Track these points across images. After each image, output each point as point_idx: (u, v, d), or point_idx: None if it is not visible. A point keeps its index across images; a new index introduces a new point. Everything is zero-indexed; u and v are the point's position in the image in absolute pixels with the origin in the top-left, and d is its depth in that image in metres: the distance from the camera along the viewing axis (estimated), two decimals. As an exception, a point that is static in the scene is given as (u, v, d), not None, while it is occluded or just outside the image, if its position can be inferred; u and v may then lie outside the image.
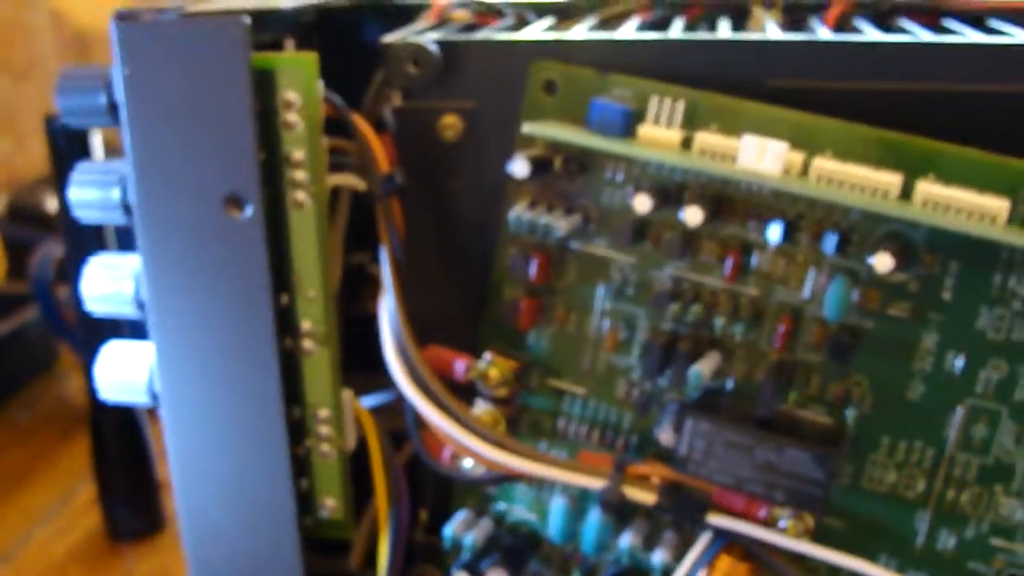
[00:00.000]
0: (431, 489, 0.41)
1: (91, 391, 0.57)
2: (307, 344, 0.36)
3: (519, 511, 0.39)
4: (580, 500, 0.37)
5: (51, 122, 0.53)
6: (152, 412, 0.56)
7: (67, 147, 0.53)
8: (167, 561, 0.57)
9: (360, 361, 0.39)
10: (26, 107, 1.06)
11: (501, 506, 0.39)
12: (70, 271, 0.58)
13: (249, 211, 0.34)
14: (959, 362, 0.33)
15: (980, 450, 0.34)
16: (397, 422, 0.39)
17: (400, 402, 0.38)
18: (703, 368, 0.34)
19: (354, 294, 0.45)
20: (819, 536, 0.35)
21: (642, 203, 0.34)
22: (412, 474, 0.40)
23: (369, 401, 0.40)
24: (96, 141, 0.52)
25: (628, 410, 0.37)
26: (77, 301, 0.57)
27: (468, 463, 0.37)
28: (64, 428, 0.68)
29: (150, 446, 0.58)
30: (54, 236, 0.68)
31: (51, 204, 0.74)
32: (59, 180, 0.55)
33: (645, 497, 0.35)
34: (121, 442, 0.57)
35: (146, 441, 0.58)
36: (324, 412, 0.36)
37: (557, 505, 0.37)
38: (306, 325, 0.36)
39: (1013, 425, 0.33)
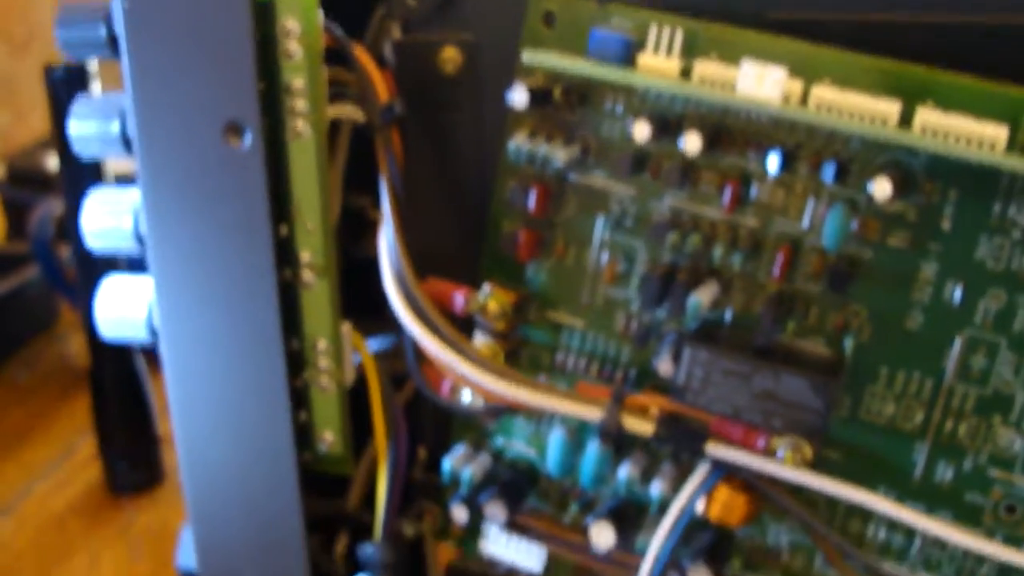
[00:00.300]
0: (430, 427, 0.41)
1: (92, 345, 0.58)
2: (306, 275, 0.36)
3: (517, 446, 0.39)
4: (578, 433, 0.37)
5: (51, 72, 0.53)
6: (152, 366, 0.56)
7: (67, 98, 0.53)
8: (167, 514, 0.57)
9: (361, 306, 0.39)
10: (25, 78, 1.06)
11: (499, 441, 0.39)
12: (70, 229, 0.58)
13: (249, 139, 0.34)
14: (958, 292, 0.33)
15: (979, 381, 0.34)
16: (398, 365, 0.40)
17: (401, 346, 0.39)
18: (702, 297, 0.34)
19: (355, 238, 0.45)
20: (817, 468, 0.35)
21: (641, 130, 0.34)
22: (411, 413, 0.40)
23: (371, 345, 0.40)
24: (95, 90, 0.52)
25: (627, 343, 0.37)
26: (78, 258, 0.58)
27: (467, 396, 0.37)
28: (64, 387, 0.68)
29: (150, 400, 0.58)
30: (54, 194, 0.68)
31: (51, 163, 0.75)
32: (59, 132, 0.55)
33: (643, 427, 0.35)
34: (121, 395, 0.58)
35: (146, 395, 0.58)
36: (323, 344, 0.36)
37: (555, 437, 0.37)
38: (305, 256, 0.36)
39: (1012, 355, 0.33)
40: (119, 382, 0.57)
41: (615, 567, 0.38)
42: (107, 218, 0.37)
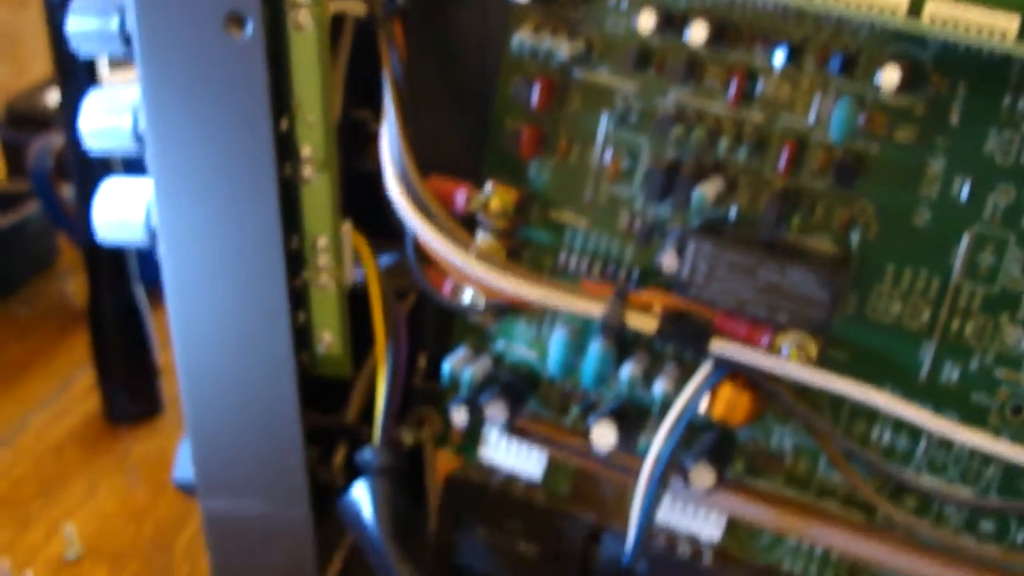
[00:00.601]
0: (431, 336, 0.40)
1: (91, 275, 0.57)
2: (306, 171, 0.35)
3: (519, 350, 0.39)
4: (581, 333, 0.37)
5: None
6: (153, 300, 0.56)
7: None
8: (165, 444, 0.57)
9: (363, 223, 0.39)
10: (26, 33, 1.05)
11: (500, 345, 0.39)
12: (70, 160, 0.57)
13: (250, 29, 0.33)
14: (966, 188, 0.33)
15: (986, 278, 0.34)
16: (401, 282, 0.39)
17: (404, 263, 0.38)
18: (706, 190, 0.33)
19: (358, 151, 0.44)
20: (822, 367, 0.34)
21: (647, 20, 0.33)
22: (412, 324, 0.40)
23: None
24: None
25: (630, 242, 0.36)
26: (78, 187, 0.57)
27: (468, 296, 0.37)
28: (63, 324, 0.68)
29: (150, 331, 0.58)
30: (53, 129, 0.68)
31: (51, 99, 0.74)
32: (59, 58, 0.55)
33: (646, 324, 0.34)
34: (121, 326, 0.57)
35: (146, 326, 0.58)
36: (323, 241, 0.36)
37: (557, 337, 0.36)
38: (306, 151, 0.35)
39: (1020, 252, 0.33)
40: (118, 313, 0.57)
41: (617, 470, 0.37)
42: (106, 117, 0.37)
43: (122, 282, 0.57)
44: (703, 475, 0.35)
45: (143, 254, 0.58)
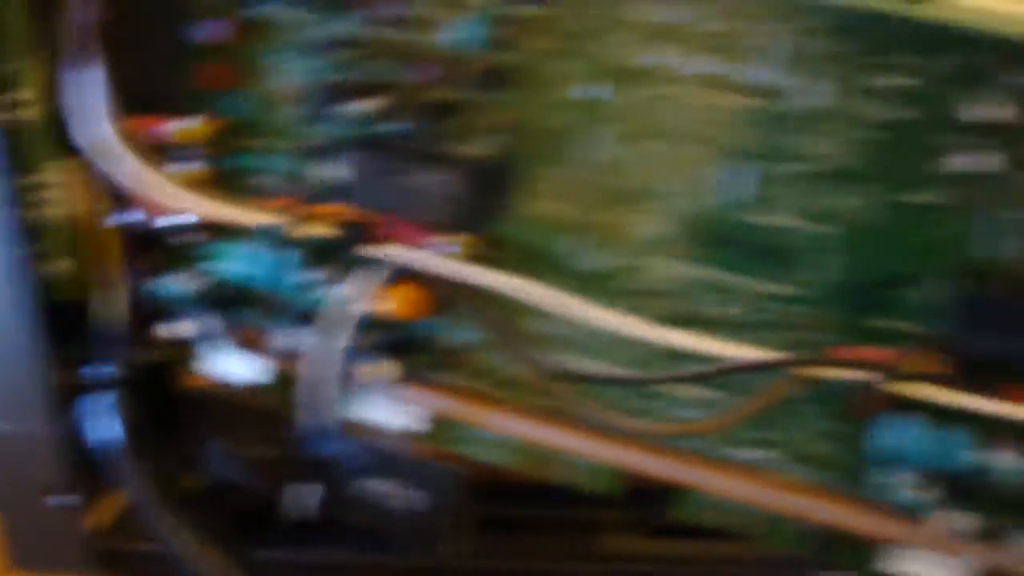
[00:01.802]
0: (152, 267, 0.43)
1: None
2: (23, 111, 0.39)
3: (226, 267, 0.41)
4: (278, 248, 0.39)
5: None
6: None
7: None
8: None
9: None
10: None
11: (209, 265, 0.41)
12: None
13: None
14: (604, 89, 0.36)
15: (619, 172, 0.37)
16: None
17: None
18: (362, 105, 0.37)
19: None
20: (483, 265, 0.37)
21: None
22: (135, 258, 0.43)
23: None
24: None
25: (310, 161, 0.40)
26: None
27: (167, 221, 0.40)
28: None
29: None
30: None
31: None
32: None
33: (317, 232, 0.38)
34: None
35: None
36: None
37: (249, 252, 0.39)
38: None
39: (656, 145, 0.36)
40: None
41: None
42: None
43: None
44: (384, 369, 0.38)
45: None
